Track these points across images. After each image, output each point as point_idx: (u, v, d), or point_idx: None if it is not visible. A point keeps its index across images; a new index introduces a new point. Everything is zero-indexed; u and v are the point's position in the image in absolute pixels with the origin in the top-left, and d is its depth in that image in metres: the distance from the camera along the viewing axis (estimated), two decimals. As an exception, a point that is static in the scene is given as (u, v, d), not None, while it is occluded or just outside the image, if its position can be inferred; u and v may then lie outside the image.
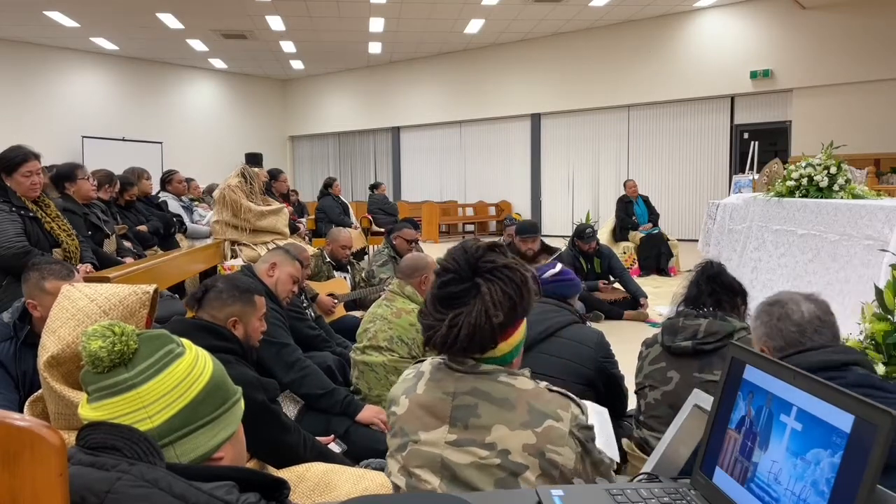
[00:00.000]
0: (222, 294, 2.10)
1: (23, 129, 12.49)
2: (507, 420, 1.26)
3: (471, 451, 1.26)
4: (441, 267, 1.34)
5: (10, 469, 0.76)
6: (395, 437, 1.37)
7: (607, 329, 3.07)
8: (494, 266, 1.30)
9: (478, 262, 1.30)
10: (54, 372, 1.38)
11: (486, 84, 14.94)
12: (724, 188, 11.50)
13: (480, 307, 1.26)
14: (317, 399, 2.68)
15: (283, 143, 18.97)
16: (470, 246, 1.34)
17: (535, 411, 1.27)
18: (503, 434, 1.25)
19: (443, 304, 1.29)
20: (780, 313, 1.62)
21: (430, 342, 1.32)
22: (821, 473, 0.88)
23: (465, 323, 1.26)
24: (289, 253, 3.11)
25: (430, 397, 1.33)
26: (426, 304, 1.34)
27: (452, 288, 1.29)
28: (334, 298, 4.32)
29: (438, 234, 13.55)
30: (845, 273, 3.92)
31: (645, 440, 2.16)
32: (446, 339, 1.27)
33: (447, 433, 1.29)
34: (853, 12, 10.63)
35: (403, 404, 1.36)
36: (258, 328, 2.17)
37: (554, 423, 1.26)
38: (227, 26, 12.73)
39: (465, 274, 1.29)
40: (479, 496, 1.19)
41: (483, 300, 1.26)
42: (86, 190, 4.23)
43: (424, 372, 1.38)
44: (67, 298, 1.44)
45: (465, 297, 1.28)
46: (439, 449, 1.28)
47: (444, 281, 1.30)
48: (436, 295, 1.31)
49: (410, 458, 1.31)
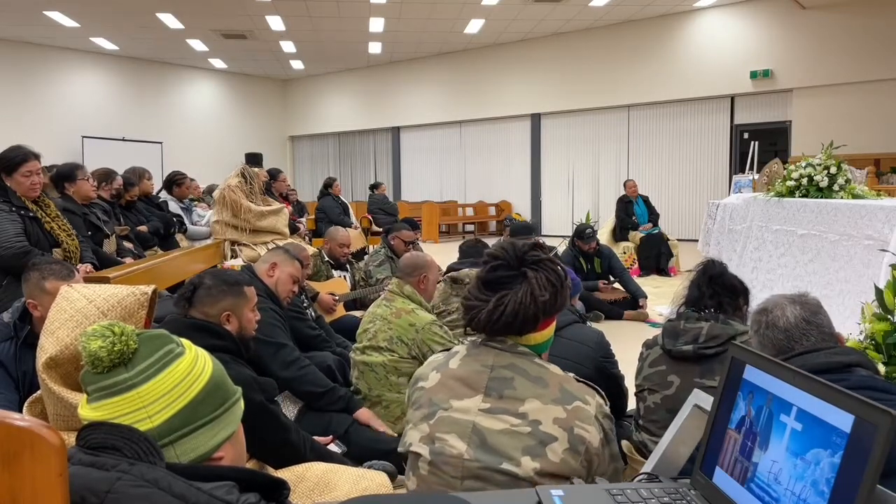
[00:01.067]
0: (212, 290, 2.08)
1: (23, 129, 12.49)
2: (540, 395, 1.34)
3: (503, 418, 1.32)
4: (490, 255, 1.44)
5: (10, 469, 0.76)
6: (419, 408, 1.42)
7: (607, 329, 3.07)
8: (539, 259, 1.41)
9: (525, 255, 1.41)
10: (53, 373, 1.38)
11: (486, 84, 14.94)
12: (724, 188, 11.50)
13: (527, 289, 1.36)
14: (317, 397, 2.68)
15: (283, 143, 18.97)
16: (519, 242, 1.46)
17: (566, 392, 1.35)
18: (536, 406, 1.32)
19: (489, 286, 1.39)
20: (766, 321, 1.62)
21: (473, 321, 1.40)
22: (821, 473, 0.88)
23: (510, 301, 1.35)
24: (289, 253, 3.10)
25: (466, 370, 1.40)
26: (470, 291, 1.43)
27: (501, 273, 1.39)
28: (334, 297, 4.32)
29: (438, 234, 13.55)
30: (845, 273, 3.92)
31: (644, 443, 2.16)
32: (491, 316, 1.36)
33: (481, 402, 1.35)
34: (853, 12, 10.63)
35: (433, 378, 1.43)
36: (251, 319, 2.16)
37: (582, 405, 1.34)
38: (227, 26, 12.73)
39: (513, 263, 1.40)
40: (480, 496, 1.19)
41: (530, 283, 1.36)
42: (86, 190, 4.23)
43: (459, 350, 1.46)
44: (66, 300, 1.44)
45: (512, 282, 1.38)
46: (472, 416, 1.34)
47: (494, 266, 1.41)
48: (483, 278, 1.41)
49: (439, 425, 1.36)
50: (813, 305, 1.62)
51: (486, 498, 1.20)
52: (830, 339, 1.58)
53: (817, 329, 1.58)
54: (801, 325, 1.57)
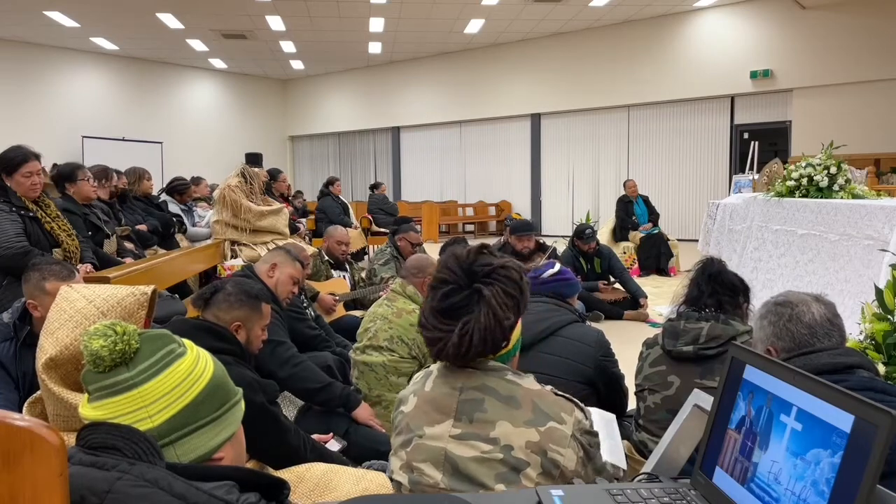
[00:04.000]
0: (230, 297, 2.09)
1: (23, 129, 12.48)
2: (512, 417, 1.27)
3: (474, 444, 1.27)
4: (437, 280, 1.34)
5: (10, 469, 0.76)
6: (399, 434, 1.38)
7: (607, 329, 3.07)
8: (491, 269, 1.31)
9: (472, 268, 1.31)
10: (53, 374, 1.38)
11: (486, 84, 14.93)
12: (724, 188, 11.50)
13: (488, 311, 1.27)
14: (314, 393, 2.64)
15: (283, 143, 18.97)
16: (460, 252, 1.35)
17: (539, 411, 1.28)
18: (507, 430, 1.26)
19: (446, 315, 1.29)
20: (790, 314, 1.60)
21: (441, 354, 1.31)
22: (821, 473, 0.88)
23: (475, 329, 1.26)
24: (290, 253, 3.10)
25: (437, 392, 1.34)
26: (426, 318, 1.33)
27: (454, 299, 1.29)
28: (334, 297, 4.32)
29: (438, 234, 13.55)
30: (845, 273, 3.92)
31: (644, 443, 2.16)
32: (459, 349, 1.28)
33: (451, 427, 1.29)
34: (853, 12, 10.63)
35: (412, 402, 1.38)
36: (260, 336, 2.16)
37: (557, 425, 1.27)
38: (227, 26, 12.73)
39: (464, 282, 1.30)
40: (479, 496, 1.19)
41: (489, 304, 1.27)
42: (86, 190, 4.22)
43: (433, 371, 1.40)
44: (65, 300, 1.43)
45: (469, 304, 1.29)
46: (443, 443, 1.29)
47: (445, 293, 1.30)
48: (437, 308, 1.31)
49: (414, 453, 1.32)
50: (833, 307, 1.63)
51: (486, 498, 1.20)
52: (845, 343, 1.59)
53: (839, 331, 1.58)
54: (825, 324, 1.57)
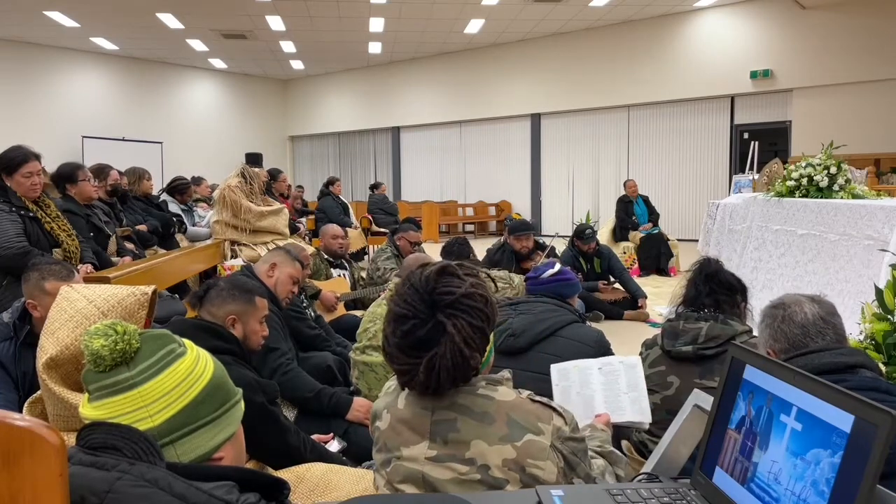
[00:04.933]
0: (223, 292, 2.10)
1: (23, 129, 12.48)
2: (486, 434, 1.23)
3: (451, 466, 1.24)
4: (396, 315, 1.27)
5: (10, 469, 0.76)
6: (379, 452, 1.36)
7: (607, 329, 3.07)
8: (453, 299, 1.24)
9: (433, 297, 1.25)
10: (53, 374, 1.38)
11: (486, 84, 14.93)
12: (724, 188, 11.50)
13: (454, 347, 1.22)
14: (304, 402, 2.65)
15: (283, 143, 18.97)
16: (417, 279, 1.28)
17: (514, 424, 1.24)
18: (482, 449, 1.23)
19: (412, 348, 1.24)
20: (783, 315, 1.61)
21: (409, 386, 1.29)
22: (821, 473, 0.88)
23: (441, 366, 1.22)
24: (289, 253, 3.10)
25: (409, 412, 1.30)
26: (390, 351, 1.28)
27: (418, 333, 1.23)
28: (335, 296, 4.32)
29: (438, 234, 13.54)
30: (845, 273, 3.92)
31: (643, 443, 2.16)
32: (427, 384, 1.24)
33: (427, 449, 1.27)
34: (853, 12, 10.63)
35: (385, 419, 1.34)
36: (258, 331, 2.16)
37: (534, 437, 1.23)
38: (227, 26, 12.73)
39: (425, 315, 1.24)
40: (480, 496, 1.19)
41: (453, 340, 1.22)
42: (87, 191, 4.21)
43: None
44: (66, 300, 1.43)
45: (434, 337, 1.23)
46: (420, 465, 1.27)
47: (406, 330, 1.24)
48: (400, 344, 1.25)
49: (394, 474, 1.30)
50: (829, 306, 1.63)
51: (486, 498, 1.20)
52: (843, 342, 1.59)
53: (833, 329, 1.58)
54: (818, 322, 1.58)
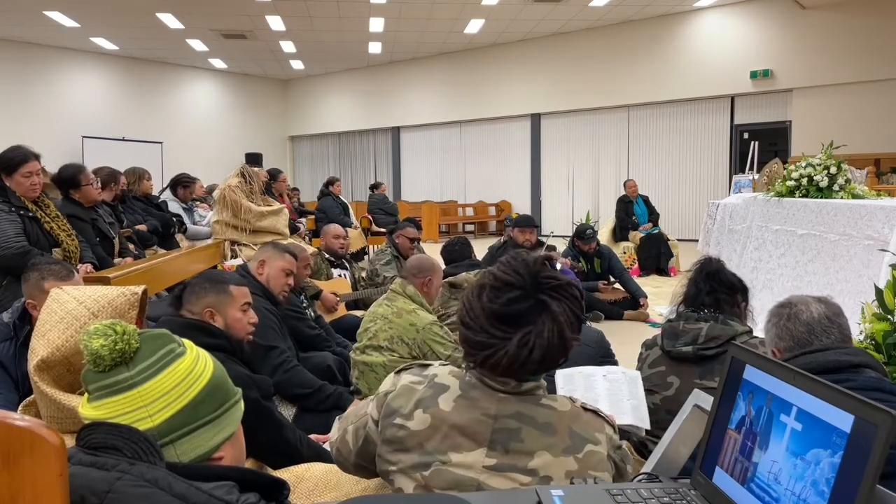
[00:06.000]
0: (195, 287, 2.12)
1: (23, 129, 12.48)
2: (550, 445, 1.21)
3: (511, 476, 1.20)
4: (502, 281, 1.23)
5: (10, 469, 0.76)
6: (407, 452, 1.25)
7: (607, 329, 3.07)
8: (558, 284, 1.23)
9: (539, 278, 1.23)
10: (45, 375, 1.37)
11: (486, 84, 14.94)
12: (724, 188, 11.50)
13: (552, 327, 1.19)
14: (305, 398, 2.68)
15: (283, 143, 18.97)
16: (529, 259, 1.26)
17: (575, 436, 1.23)
18: (546, 460, 1.20)
19: (505, 321, 1.20)
20: (788, 314, 1.63)
21: (488, 361, 1.21)
22: (821, 473, 0.88)
23: (537, 344, 1.18)
24: (276, 247, 3.08)
25: (465, 418, 1.23)
26: (475, 319, 1.23)
27: (518, 305, 1.20)
28: (336, 297, 4.32)
29: (438, 234, 13.54)
30: (845, 273, 3.92)
31: (643, 444, 2.15)
32: (515, 360, 1.19)
33: (485, 457, 1.21)
34: (853, 12, 10.63)
35: (421, 419, 1.25)
36: (240, 318, 2.14)
37: (594, 447, 1.23)
38: (227, 26, 12.73)
39: (530, 290, 1.21)
40: (480, 496, 1.19)
41: (556, 320, 1.19)
42: (92, 194, 4.18)
43: (449, 386, 1.27)
44: (56, 301, 1.43)
45: (531, 314, 1.20)
46: (475, 473, 1.21)
47: (511, 297, 1.21)
48: (497, 311, 1.21)
49: (435, 479, 1.22)
50: (836, 307, 1.64)
51: (486, 498, 1.19)
52: (848, 342, 1.60)
53: (839, 329, 1.59)
54: (823, 321, 1.59)
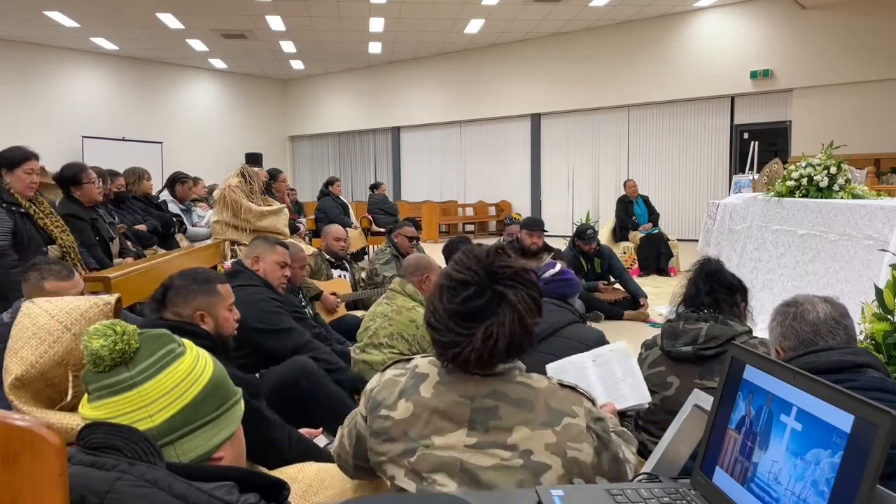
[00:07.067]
0: (182, 289, 2.01)
1: (23, 129, 12.48)
2: (528, 420, 1.25)
3: (492, 453, 1.24)
4: (457, 280, 1.26)
5: (10, 469, 0.76)
6: (393, 441, 1.29)
7: (607, 329, 3.07)
8: (513, 272, 1.26)
9: (493, 269, 1.25)
10: (21, 393, 1.35)
11: (486, 84, 14.93)
12: (724, 188, 11.50)
13: (513, 316, 1.22)
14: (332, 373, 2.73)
15: (283, 143, 18.97)
16: (480, 253, 1.29)
17: (552, 410, 1.26)
18: (525, 434, 1.24)
19: (466, 318, 1.23)
20: (794, 313, 1.62)
21: (458, 358, 1.25)
22: (821, 473, 0.88)
23: (500, 334, 1.21)
24: (267, 240, 3.08)
25: (444, 401, 1.27)
26: (439, 320, 1.26)
27: (476, 301, 1.23)
28: (336, 297, 4.32)
29: (438, 234, 13.55)
30: (845, 273, 3.92)
31: (643, 444, 2.15)
32: (482, 353, 1.22)
33: (466, 436, 1.25)
34: (853, 12, 10.63)
35: (404, 408, 1.29)
36: (228, 318, 2.09)
37: (571, 420, 1.26)
38: (227, 26, 12.73)
39: (485, 284, 1.24)
40: (480, 496, 1.19)
41: (515, 309, 1.23)
42: (92, 193, 4.17)
43: (428, 374, 1.32)
44: (27, 316, 1.40)
45: (490, 307, 1.23)
46: (458, 452, 1.25)
47: (466, 295, 1.24)
48: (456, 311, 1.24)
49: (421, 463, 1.26)
50: (842, 308, 1.64)
51: (486, 498, 1.20)
52: (853, 343, 1.59)
53: (844, 330, 1.59)
54: (829, 322, 1.58)
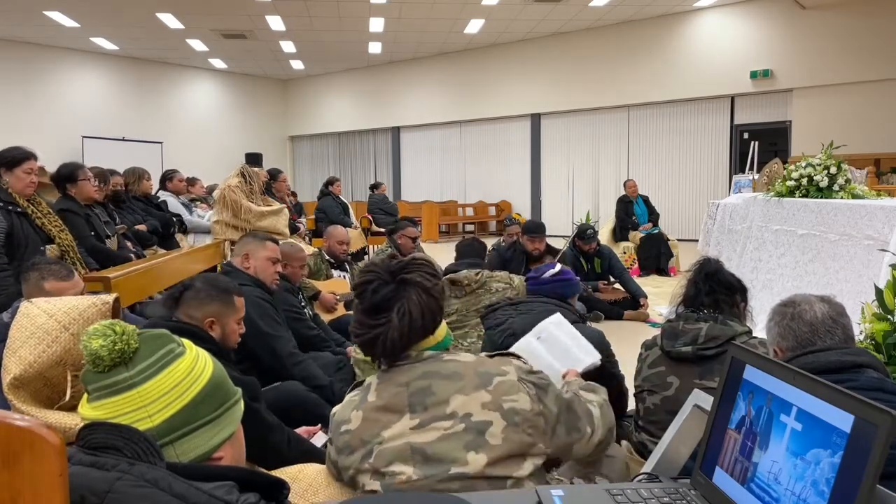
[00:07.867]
0: (200, 293, 2.00)
1: (23, 129, 12.48)
2: (461, 388, 1.33)
3: (435, 426, 1.31)
4: (363, 282, 1.39)
5: (10, 469, 0.76)
6: (352, 453, 1.36)
7: (607, 329, 3.07)
8: (408, 262, 1.42)
9: (392, 267, 1.40)
10: (20, 393, 1.36)
11: (486, 84, 14.93)
12: (724, 188, 11.49)
13: (419, 291, 1.36)
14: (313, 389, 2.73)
15: (283, 143, 18.96)
16: (378, 261, 1.45)
17: (482, 374, 1.35)
18: (461, 401, 1.32)
19: (380, 309, 1.36)
20: (792, 313, 1.62)
21: (384, 348, 1.35)
22: (821, 473, 0.88)
23: (413, 310, 1.34)
24: (257, 237, 3.05)
25: (384, 397, 1.36)
26: (358, 325, 1.38)
27: (383, 292, 1.36)
28: (335, 296, 4.32)
29: (438, 234, 13.54)
30: (845, 273, 3.92)
31: (643, 444, 2.15)
32: (403, 331, 1.33)
33: (409, 420, 1.32)
34: (853, 12, 10.63)
35: (356, 418, 1.38)
36: (235, 330, 2.08)
37: (502, 377, 1.35)
38: (227, 26, 12.73)
39: (387, 278, 1.38)
40: (480, 496, 1.19)
41: (419, 285, 1.36)
42: (88, 190, 4.19)
43: (371, 382, 1.42)
44: (26, 316, 1.41)
45: (398, 293, 1.36)
46: (406, 437, 1.31)
47: (374, 289, 1.37)
48: (368, 307, 1.37)
49: (379, 460, 1.32)
50: (839, 307, 1.64)
51: (487, 498, 1.20)
52: (850, 343, 1.59)
53: (842, 329, 1.58)
54: (827, 321, 1.58)
